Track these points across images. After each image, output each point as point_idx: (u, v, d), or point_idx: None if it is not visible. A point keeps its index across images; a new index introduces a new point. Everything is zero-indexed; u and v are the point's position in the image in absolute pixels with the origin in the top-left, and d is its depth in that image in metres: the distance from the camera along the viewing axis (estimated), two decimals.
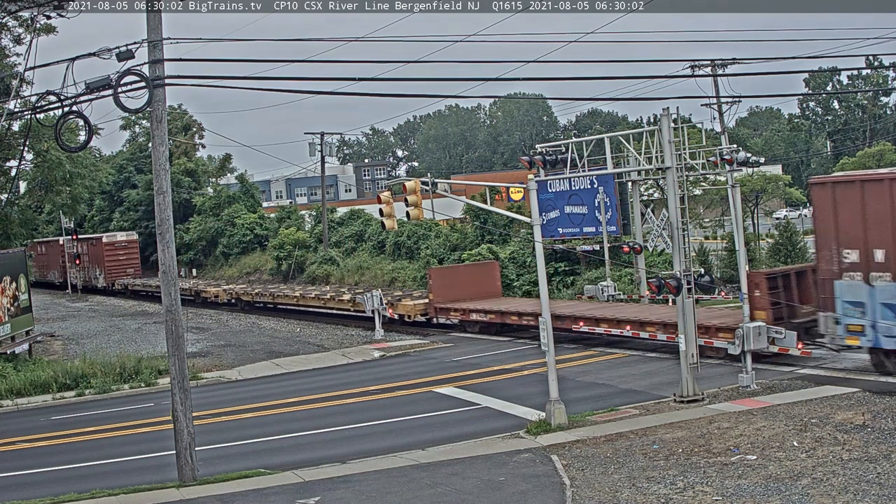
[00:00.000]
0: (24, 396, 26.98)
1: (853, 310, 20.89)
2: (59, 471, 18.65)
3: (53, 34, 32.61)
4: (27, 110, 19.95)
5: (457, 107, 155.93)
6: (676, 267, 20.00)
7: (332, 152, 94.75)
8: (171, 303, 16.61)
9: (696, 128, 42.74)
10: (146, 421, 22.76)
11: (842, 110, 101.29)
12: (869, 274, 20.57)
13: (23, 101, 24.33)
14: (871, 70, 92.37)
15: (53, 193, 40.72)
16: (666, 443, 16.53)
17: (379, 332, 34.43)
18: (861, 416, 17.10)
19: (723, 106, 44.46)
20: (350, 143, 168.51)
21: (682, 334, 20.04)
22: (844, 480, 13.49)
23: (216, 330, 42.32)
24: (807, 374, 21.77)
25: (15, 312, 32.71)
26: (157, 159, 16.54)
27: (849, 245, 20.98)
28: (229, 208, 68.09)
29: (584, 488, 14.23)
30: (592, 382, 23.35)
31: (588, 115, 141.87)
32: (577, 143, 22.32)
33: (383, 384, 25.45)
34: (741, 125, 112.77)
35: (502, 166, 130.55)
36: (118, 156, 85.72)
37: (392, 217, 20.88)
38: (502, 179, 78.44)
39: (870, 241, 20.53)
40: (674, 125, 20.71)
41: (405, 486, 15.06)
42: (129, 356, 30.49)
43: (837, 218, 20.99)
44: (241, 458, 18.48)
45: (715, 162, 24.10)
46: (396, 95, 20.64)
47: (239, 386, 27.78)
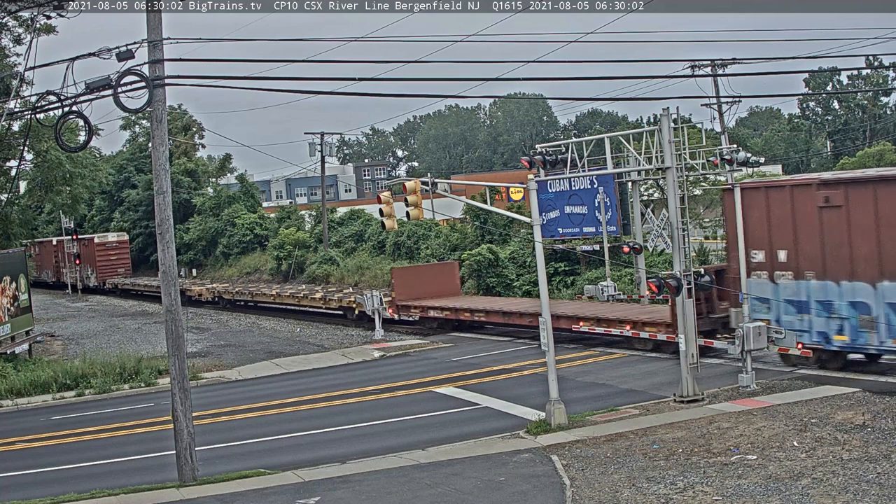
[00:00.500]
0: (24, 396, 26.98)
1: (760, 305, 22.58)
2: (59, 471, 18.65)
3: (53, 34, 32.63)
4: (27, 110, 19.95)
5: (457, 107, 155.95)
6: (676, 267, 19.99)
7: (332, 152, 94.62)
8: (171, 303, 16.61)
9: (696, 128, 42.71)
10: (146, 421, 22.76)
11: (842, 110, 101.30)
12: (773, 272, 22.50)
13: (23, 101, 24.32)
14: (871, 70, 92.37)
15: (53, 193, 40.72)
16: (666, 443, 16.53)
17: (379, 332, 34.43)
18: (861, 416, 17.11)
19: (723, 106, 44.53)
20: (350, 143, 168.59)
21: (681, 334, 20.04)
22: (844, 480, 13.49)
23: (216, 330, 42.33)
24: (807, 374, 21.78)
25: (15, 312, 32.72)
26: (157, 159, 16.54)
27: (756, 246, 22.76)
28: (229, 208, 68.07)
29: (584, 488, 14.23)
30: (592, 382, 23.36)
31: (588, 115, 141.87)
32: (577, 143, 22.29)
33: (383, 384, 25.46)
34: (741, 125, 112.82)
35: (502, 166, 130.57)
36: (118, 156, 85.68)
37: (392, 217, 20.88)
38: (502, 179, 78.40)
39: (774, 243, 22.43)
40: (674, 125, 20.69)
41: (405, 486, 15.06)
42: (129, 356, 30.51)
43: (746, 221, 22.49)
44: (241, 458, 18.48)
45: (715, 162, 24.05)
46: (396, 95, 20.67)
47: (239, 386, 27.79)
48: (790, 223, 22.09)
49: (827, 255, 21.31)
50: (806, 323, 21.76)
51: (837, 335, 21.19)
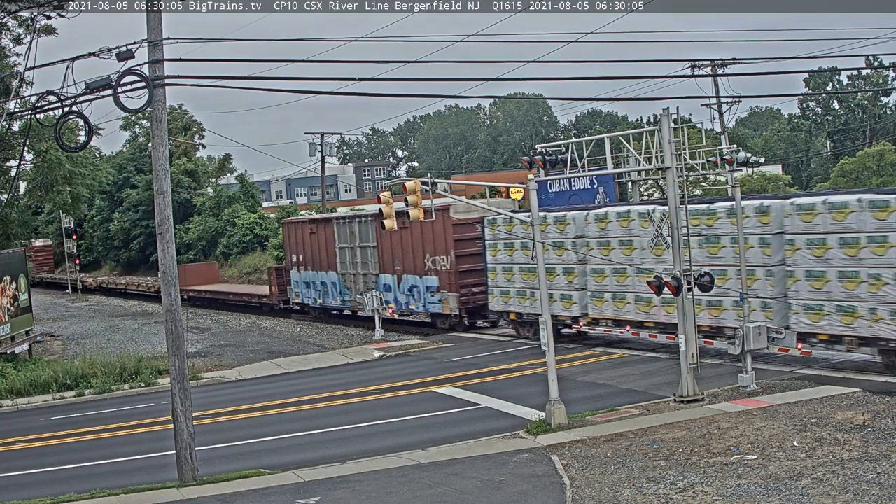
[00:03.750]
0: (24, 396, 26.99)
1: (308, 289, 42.68)
2: (59, 471, 18.66)
3: (53, 34, 32.64)
4: (27, 110, 19.94)
5: (457, 107, 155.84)
6: (676, 267, 19.99)
7: (332, 152, 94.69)
8: (171, 303, 16.61)
9: (696, 128, 42.75)
10: (146, 421, 22.77)
11: (842, 110, 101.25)
12: (299, 267, 43.09)
13: (23, 102, 24.30)
14: (871, 70, 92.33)
15: (54, 193, 40.72)
16: (666, 443, 16.53)
17: (379, 332, 34.43)
18: (861, 416, 17.10)
19: (723, 106, 44.53)
20: (350, 143, 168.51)
21: (681, 334, 20.04)
22: (844, 480, 13.49)
23: (216, 330, 42.36)
24: (807, 374, 21.78)
25: (15, 312, 32.73)
26: (157, 159, 16.54)
27: (294, 252, 43.63)
28: (229, 208, 68.01)
29: (584, 488, 14.23)
30: (592, 382, 23.35)
31: (588, 115, 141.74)
32: (577, 143, 22.28)
33: (383, 384, 25.46)
34: (741, 125, 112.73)
35: (502, 166, 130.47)
36: (118, 156, 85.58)
37: (392, 217, 20.86)
38: (502, 179, 78.33)
39: (298, 251, 43.26)
40: (674, 125, 20.66)
41: (405, 486, 15.06)
42: (129, 356, 30.52)
43: (289, 240, 44.25)
44: (241, 458, 18.48)
45: (715, 162, 24.07)
46: (396, 95, 20.67)
47: (239, 386, 27.79)
48: (302, 241, 42.86)
49: (315, 258, 41.63)
50: (312, 294, 42.10)
51: (321, 300, 41.70)
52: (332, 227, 40.33)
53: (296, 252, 42.95)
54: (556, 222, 28.20)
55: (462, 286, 33.16)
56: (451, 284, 33.39)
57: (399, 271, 36.06)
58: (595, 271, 27.16)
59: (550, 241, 27.45)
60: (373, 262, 37.88)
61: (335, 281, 40.17)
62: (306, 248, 42.11)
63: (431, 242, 34.09)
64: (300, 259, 42.56)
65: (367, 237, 38.00)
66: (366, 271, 38.32)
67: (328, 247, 40.41)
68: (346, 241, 39.46)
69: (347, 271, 39.50)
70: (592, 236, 27.14)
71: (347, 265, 39.49)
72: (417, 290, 35.08)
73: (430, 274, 34.32)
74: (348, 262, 39.42)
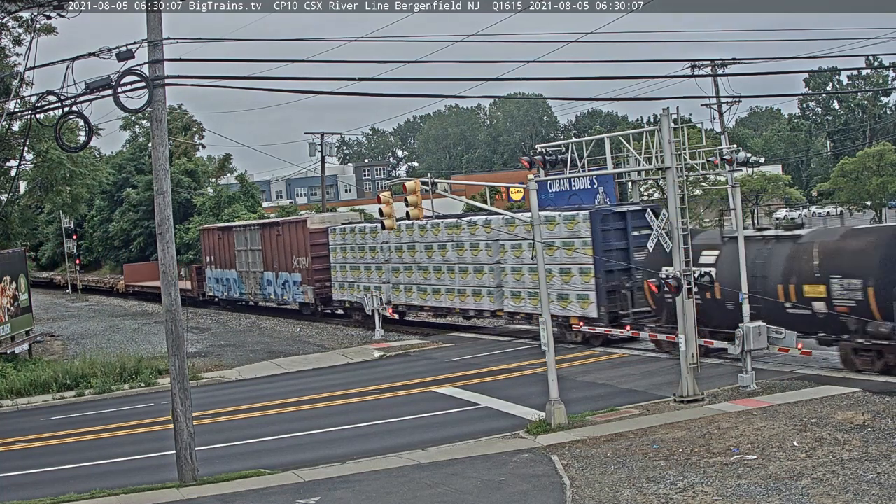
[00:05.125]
0: (24, 396, 26.99)
1: (217, 284, 50.23)
2: (59, 471, 18.66)
3: (53, 34, 32.63)
4: (27, 110, 19.94)
5: (457, 107, 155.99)
6: (676, 267, 19.98)
7: (332, 152, 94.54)
8: (171, 303, 16.61)
9: (696, 128, 42.70)
10: (146, 421, 22.77)
11: (842, 110, 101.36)
12: (211, 266, 50.51)
13: (23, 102, 24.30)
14: (871, 70, 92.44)
15: (54, 193, 40.73)
16: (666, 443, 16.53)
17: (379, 332, 34.44)
18: (861, 416, 17.10)
19: (723, 106, 44.46)
20: (350, 143, 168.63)
21: (682, 334, 20.04)
22: (844, 480, 13.49)
23: (216, 330, 42.37)
24: (807, 374, 21.78)
25: (15, 312, 32.72)
26: (157, 159, 16.53)
27: (209, 254, 50.70)
28: (229, 208, 67.91)
29: (584, 488, 14.23)
30: (592, 382, 23.35)
31: (588, 115, 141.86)
32: (577, 143, 22.26)
33: (383, 384, 25.46)
34: (741, 125, 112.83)
35: (502, 166, 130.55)
36: (118, 156, 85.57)
37: (392, 217, 20.86)
38: (502, 179, 78.45)
39: (211, 253, 50.32)
40: (674, 125, 20.66)
41: (405, 486, 15.06)
42: (129, 356, 30.52)
43: (205, 243, 51.62)
44: (241, 458, 18.48)
45: (715, 162, 24.02)
46: (396, 95, 20.67)
47: (239, 386, 27.79)
48: (213, 245, 50.13)
49: (222, 259, 48.98)
50: (220, 288, 49.82)
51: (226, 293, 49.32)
52: (232, 234, 48.87)
53: (209, 254, 51.13)
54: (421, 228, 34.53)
55: (316, 281, 41.07)
56: (309, 280, 41.38)
57: (276, 269, 44.21)
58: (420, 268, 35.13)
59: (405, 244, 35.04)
60: (259, 262, 45.71)
61: (235, 277, 48.47)
62: (216, 251, 50.36)
63: (296, 246, 42.37)
64: (212, 259, 50.80)
65: (256, 242, 46.13)
66: (255, 269, 46.29)
67: (230, 250, 48.70)
68: (243, 244, 47.58)
69: (244, 269, 47.56)
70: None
71: (244, 264, 47.53)
72: (288, 284, 43.22)
73: (295, 271, 42.48)
74: (244, 262, 47.45)
